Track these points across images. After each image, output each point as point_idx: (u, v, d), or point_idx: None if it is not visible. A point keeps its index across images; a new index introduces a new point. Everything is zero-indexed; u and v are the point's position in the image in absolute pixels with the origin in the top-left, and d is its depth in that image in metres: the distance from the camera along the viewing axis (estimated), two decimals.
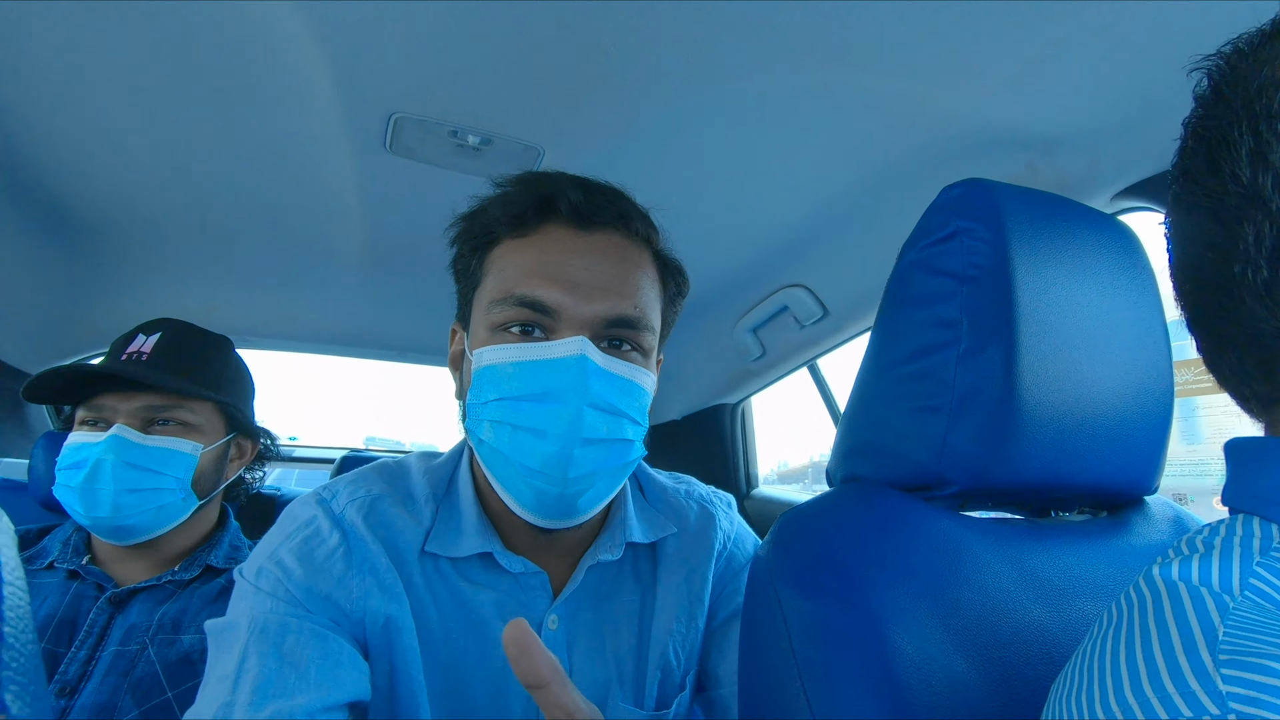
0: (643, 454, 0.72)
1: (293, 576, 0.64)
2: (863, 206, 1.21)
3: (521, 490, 0.66)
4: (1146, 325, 0.66)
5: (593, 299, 0.66)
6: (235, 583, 0.67)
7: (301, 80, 0.98)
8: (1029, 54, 0.80)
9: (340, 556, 0.66)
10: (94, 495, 0.96)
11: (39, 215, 1.34)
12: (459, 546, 0.70)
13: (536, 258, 0.67)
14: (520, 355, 0.64)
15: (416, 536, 0.70)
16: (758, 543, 0.87)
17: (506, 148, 1.12)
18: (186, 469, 1.02)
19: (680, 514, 0.83)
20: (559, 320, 0.65)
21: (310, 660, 0.59)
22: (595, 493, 0.67)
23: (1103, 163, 0.90)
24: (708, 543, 0.81)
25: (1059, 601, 0.55)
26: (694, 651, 0.77)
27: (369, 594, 0.65)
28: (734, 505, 0.90)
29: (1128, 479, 0.66)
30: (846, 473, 0.66)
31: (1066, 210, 0.66)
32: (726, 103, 1.00)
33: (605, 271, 0.67)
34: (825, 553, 0.53)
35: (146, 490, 0.98)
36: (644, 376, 0.69)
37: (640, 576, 0.78)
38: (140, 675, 0.93)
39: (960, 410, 0.58)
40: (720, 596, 0.81)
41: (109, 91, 1.02)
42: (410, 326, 1.93)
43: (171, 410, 1.02)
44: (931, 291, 0.61)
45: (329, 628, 0.62)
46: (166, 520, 1.02)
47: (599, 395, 0.64)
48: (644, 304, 0.70)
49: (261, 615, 0.61)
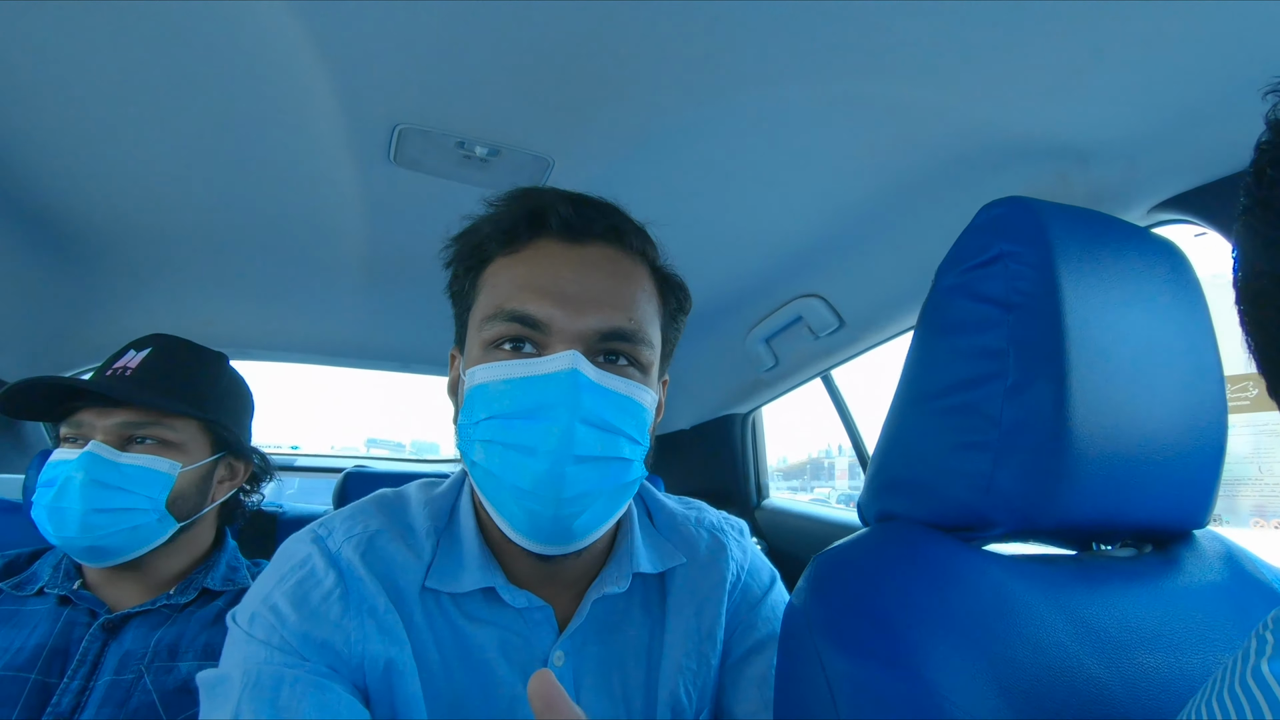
0: (643, 475, 0.69)
1: (287, 623, 0.61)
2: (883, 216, 1.18)
3: (515, 513, 0.63)
4: (1199, 350, 0.63)
5: (584, 311, 0.64)
6: (228, 629, 0.65)
7: (303, 90, 0.94)
8: (1066, 62, 0.76)
9: (337, 599, 0.63)
10: (61, 514, 0.92)
11: (35, 229, 1.31)
12: (460, 582, 0.68)
13: (527, 272, 0.66)
14: (510, 373, 0.63)
15: (417, 573, 0.67)
16: (774, 573, 0.84)
17: (515, 159, 1.08)
18: (161, 489, 0.98)
19: (690, 543, 0.79)
20: (550, 334, 0.63)
21: (307, 713, 0.56)
22: (591, 515, 0.64)
23: (1140, 174, 0.86)
24: (719, 574, 0.78)
25: (1117, 656, 0.51)
26: (706, 690, 0.74)
27: (368, 637, 0.63)
28: (746, 533, 0.87)
29: (1179, 514, 0.62)
30: (881, 510, 0.62)
31: (1113, 229, 0.62)
32: (743, 113, 0.96)
33: (598, 284, 0.65)
34: (867, 605, 0.49)
35: (116, 510, 0.94)
36: (642, 393, 0.66)
37: (649, 609, 0.76)
38: (136, 705, 0.90)
39: (1008, 447, 0.54)
40: (736, 632, 0.77)
41: (106, 103, 0.99)
42: (413, 337, 1.89)
43: (150, 428, 0.98)
44: (974, 319, 0.57)
45: (326, 675, 0.60)
46: (141, 543, 0.98)
47: (591, 411, 0.61)
48: (640, 317, 0.67)
49: (255, 667, 0.59)
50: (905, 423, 0.62)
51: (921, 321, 0.63)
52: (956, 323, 0.59)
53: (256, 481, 1.19)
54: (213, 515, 1.11)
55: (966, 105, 0.87)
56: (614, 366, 0.65)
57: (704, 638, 0.75)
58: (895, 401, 0.64)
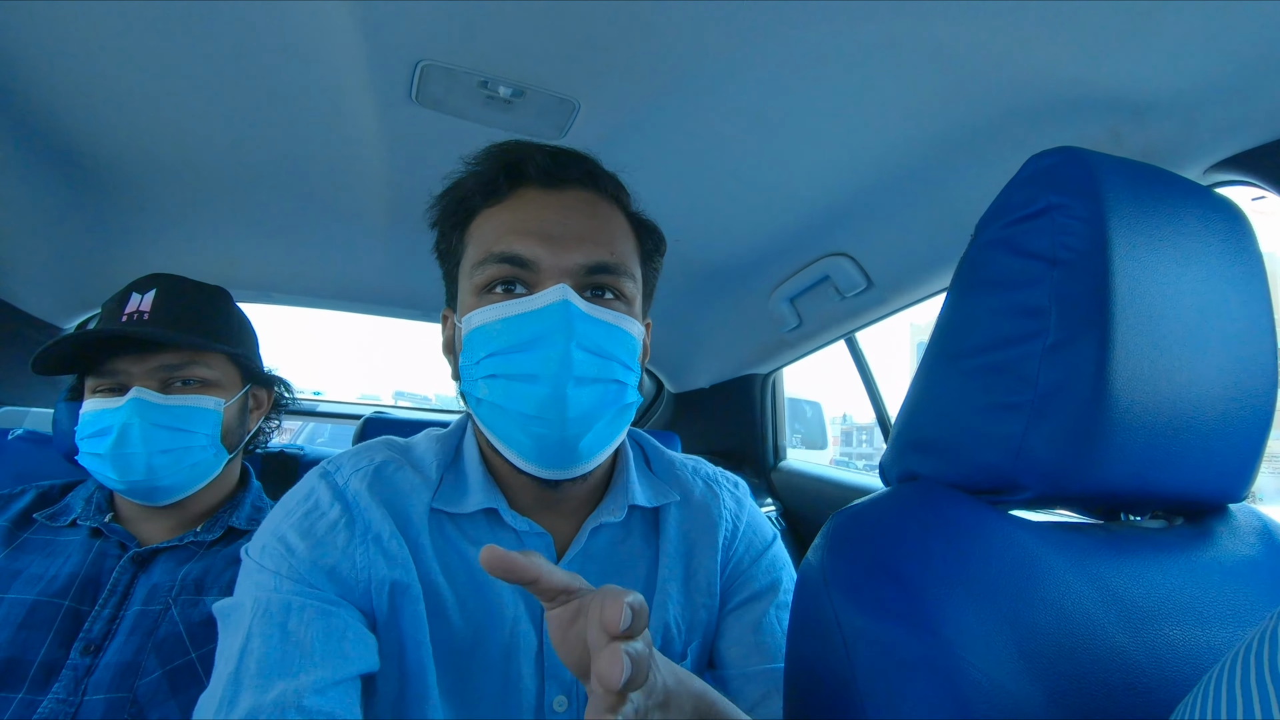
0: (639, 400, 0.73)
1: (296, 552, 0.65)
2: (919, 172, 1.13)
3: (522, 441, 0.66)
4: (1253, 315, 0.59)
5: (569, 249, 0.67)
6: (242, 561, 0.68)
7: (325, 25, 0.92)
8: (1129, 7, 0.70)
9: (343, 528, 0.67)
10: (126, 460, 0.94)
11: (60, 167, 1.31)
12: (465, 503, 0.71)
13: (511, 218, 0.69)
14: (506, 311, 0.66)
15: (424, 495, 0.71)
16: (775, 531, 0.87)
17: (539, 101, 1.05)
18: (214, 424, 1.01)
19: (684, 486, 0.83)
20: (539, 272, 0.67)
21: (314, 638, 0.59)
22: (595, 436, 0.67)
23: (1199, 131, 0.81)
24: (710, 520, 0.81)
25: (1143, 625, 0.50)
26: (695, 625, 0.77)
27: (373, 563, 0.66)
28: (742, 487, 0.90)
29: (1218, 486, 0.60)
30: (904, 470, 0.61)
31: (1170, 185, 0.59)
32: (777, 57, 0.91)
33: (579, 224, 0.69)
34: (886, 563, 0.48)
35: (178, 450, 0.97)
36: (629, 323, 0.70)
37: (647, 541, 0.79)
38: (164, 635, 0.93)
39: (1043, 409, 0.52)
40: (736, 582, 0.81)
41: (127, 41, 0.97)
42: (433, 284, 1.87)
43: (187, 368, 1.00)
44: (1015, 275, 0.55)
45: (333, 603, 0.63)
46: (200, 477, 1.02)
47: (585, 336, 0.65)
48: (620, 252, 0.71)
49: (265, 595, 0.62)
50: (934, 381, 0.60)
51: (957, 278, 0.61)
52: (996, 278, 0.56)
53: (278, 409, 1.22)
54: (239, 453, 1.12)
55: (1017, 51, 0.81)
56: (601, 300, 0.69)
57: (692, 576, 0.78)
58: (925, 360, 0.62)
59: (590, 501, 0.77)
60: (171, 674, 0.91)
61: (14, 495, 1.04)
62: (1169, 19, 0.72)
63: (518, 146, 0.73)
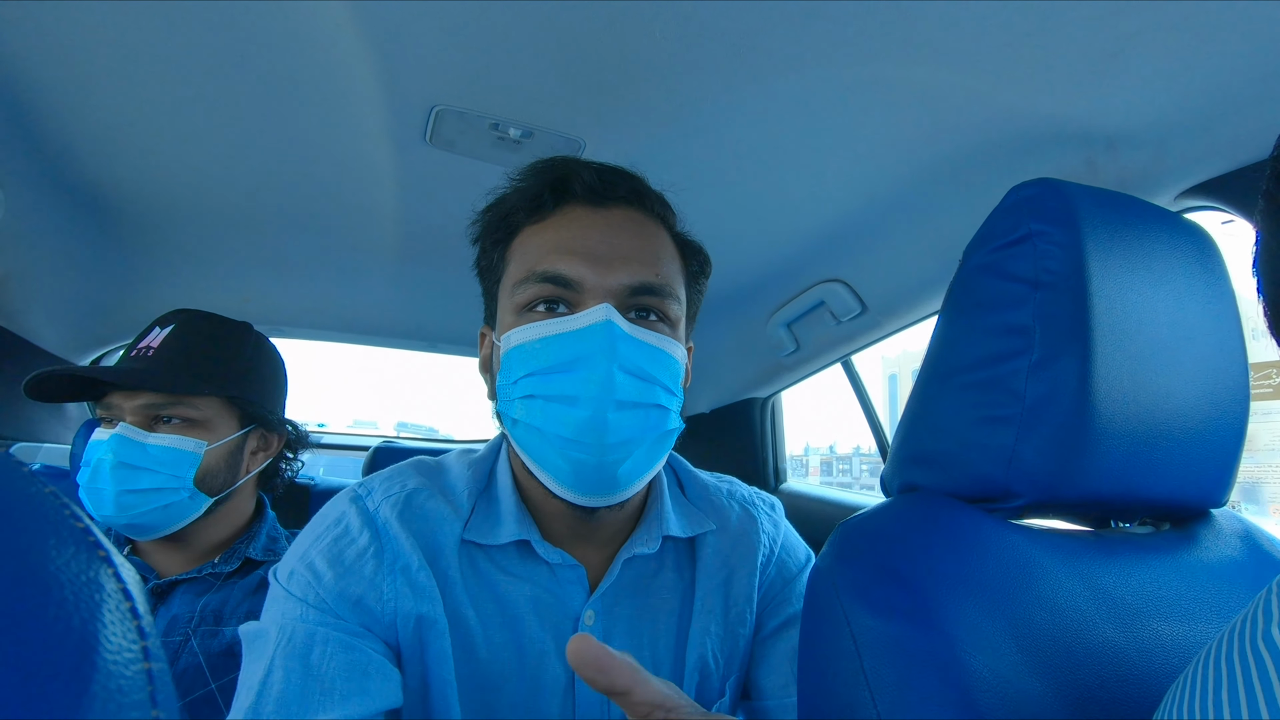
0: (680, 427, 0.70)
1: (323, 580, 0.63)
2: (908, 201, 1.18)
3: (559, 465, 0.64)
4: (1223, 332, 0.64)
5: (614, 268, 0.65)
6: (269, 584, 0.67)
7: (343, 70, 0.97)
8: (1099, 47, 0.76)
9: (371, 556, 0.65)
10: (98, 494, 0.96)
11: (79, 204, 1.35)
12: (497, 534, 0.69)
13: (555, 236, 0.68)
14: (547, 330, 0.64)
15: (455, 526, 0.69)
16: (809, 552, 0.86)
17: (547, 140, 1.10)
18: (188, 467, 1.00)
19: (721, 512, 0.80)
20: (582, 292, 0.65)
21: (337, 673, 0.58)
22: (634, 463, 0.65)
23: (1169, 160, 0.87)
24: (750, 546, 0.79)
25: (1132, 621, 0.53)
26: (734, 657, 0.75)
27: (400, 595, 0.64)
28: (778, 508, 0.87)
29: (1198, 492, 0.64)
30: (904, 481, 0.65)
31: (1141, 212, 0.63)
32: (773, 96, 0.97)
33: (625, 243, 0.67)
34: (892, 566, 0.51)
35: (146, 491, 0.97)
36: (674, 346, 0.68)
37: (680, 573, 0.77)
38: (184, 667, 0.93)
39: (1031, 421, 0.56)
40: (770, 606, 0.79)
41: (149, 82, 1.02)
42: (444, 317, 1.93)
43: (173, 408, 1.00)
44: (1001, 297, 0.59)
45: (358, 634, 0.62)
46: (175, 519, 1.00)
47: (628, 358, 0.63)
48: (665, 273, 0.69)
49: (290, 624, 0.61)
50: (930, 398, 0.64)
51: (948, 300, 0.65)
52: (984, 300, 0.60)
53: (295, 450, 1.21)
54: (251, 485, 1.13)
55: (996, 90, 0.87)
56: (644, 322, 0.67)
57: (731, 605, 0.76)
58: (920, 378, 0.66)
59: (624, 531, 0.75)
60: (191, 705, 0.92)
61: None
62: (1136, 57, 0.78)
63: (564, 163, 0.71)
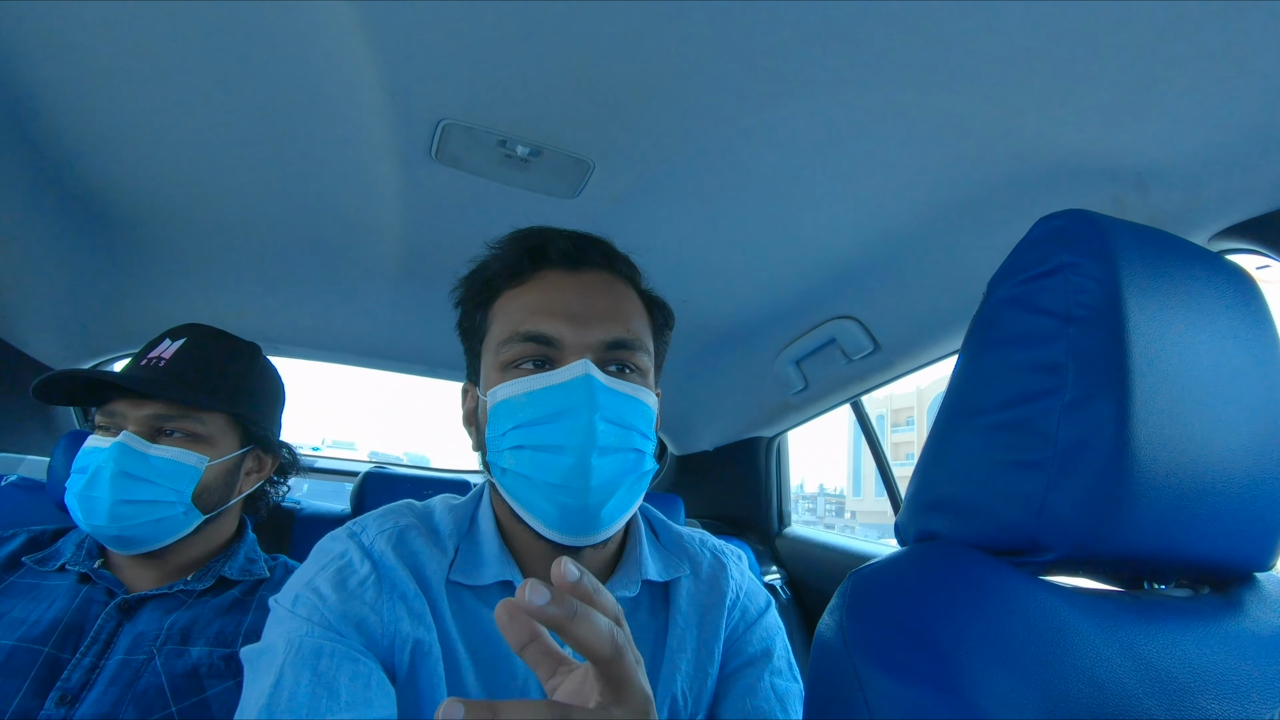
0: (654, 468, 0.77)
1: (328, 602, 0.67)
2: (926, 237, 1.15)
3: (546, 509, 0.70)
4: (1270, 380, 0.59)
5: (590, 326, 0.73)
6: (270, 610, 0.70)
7: (349, 79, 0.95)
8: (1135, 77, 0.73)
9: (372, 584, 0.70)
10: (91, 503, 0.94)
11: (76, 213, 1.34)
12: (481, 575, 0.74)
13: (536, 298, 0.75)
14: (532, 385, 0.71)
15: (441, 566, 0.74)
16: (769, 598, 0.89)
17: (555, 160, 1.08)
18: (188, 482, 0.99)
19: (694, 559, 0.86)
20: (563, 349, 0.72)
21: (342, 682, 0.62)
22: (616, 503, 0.71)
23: (1203, 199, 0.83)
24: (720, 592, 0.84)
25: (1180, 699, 0.47)
26: (703, 695, 0.78)
27: (399, 619, 0.69)
28: (744, 559, 0.93)
29: (1244, 553, 0.58)
30: (921, 530, 0.59)
31: (1179, 249, 0.59)
32: (788, 122, 0.95)
33: (599, 303, 0.75)
34: (910, 624, 0.46)
35: (144, 502, 0.95)
36: (646, 394, 0.75)
37: (655, 615, 0.81)
38: (144, 687, 0.89)
39: (1064, 467, 0.51)
40: (731, 647, 0.82)
41: (152, 89, 1.01)
42: (445, 341, 1.88)
43: (179, 420, 0.99)
44: (1030, 332, 0.55)
45: (360, 652, 0.66)
46: (166, 533, 0.99)
47: (607, 408, 0.69)
48: (636, 328, 0.77)
49: (298, 638, 0.64)
50: (951, 439, 0.59)
51: (971, 335, 0.61)
52: (1011, 335, 0.56)
53: (284, 474, 1.20)
54: (237, 506, 1.12)
55: (1022, 122, 0.84)
56: (619, 374, 0.74)
57: (702, 646, 0.80)
58: (940, 418, 0.61)
59: (603, 575, 0.79)
60: None
61: (4, 539, 1.03)
62: (1170, 91, 0.74)
63: (540, 232, 0.79)
